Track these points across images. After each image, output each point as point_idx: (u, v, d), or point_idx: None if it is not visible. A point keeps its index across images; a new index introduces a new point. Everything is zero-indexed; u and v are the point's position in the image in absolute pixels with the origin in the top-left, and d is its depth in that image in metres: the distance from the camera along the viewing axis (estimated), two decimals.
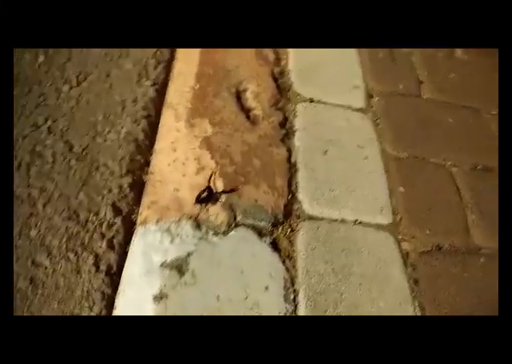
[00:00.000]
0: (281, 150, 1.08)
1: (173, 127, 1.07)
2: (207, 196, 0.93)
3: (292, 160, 1.08)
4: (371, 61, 1.45)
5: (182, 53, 1.28)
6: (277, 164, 1.04)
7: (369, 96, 1.34)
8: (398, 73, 1.44)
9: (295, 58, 1.37)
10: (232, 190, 0.96)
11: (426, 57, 1.54)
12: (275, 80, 1.27)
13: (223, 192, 0.95)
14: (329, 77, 1.34)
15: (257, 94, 1.18)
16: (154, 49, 1.43)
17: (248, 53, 1.29)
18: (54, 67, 1.33)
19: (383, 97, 1.34)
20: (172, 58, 1.40)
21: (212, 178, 0.96)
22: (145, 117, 1.22)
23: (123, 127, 1.20)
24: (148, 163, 1.10)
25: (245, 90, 1.19)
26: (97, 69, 1.34)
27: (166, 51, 1.44)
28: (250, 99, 1.17)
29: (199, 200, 0.92)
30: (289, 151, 1.09)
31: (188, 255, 0.82)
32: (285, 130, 1.14)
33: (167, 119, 1.11)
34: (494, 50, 1.66)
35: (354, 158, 1.12)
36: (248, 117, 1.13)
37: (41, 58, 1.35)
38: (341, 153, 1.13)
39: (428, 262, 0.94)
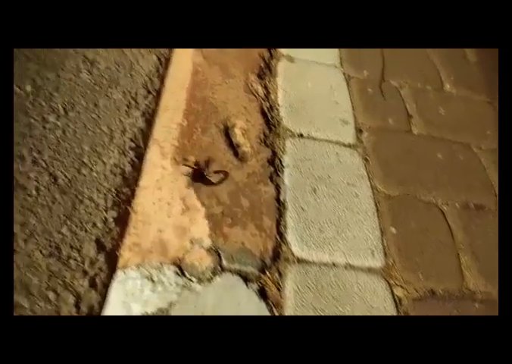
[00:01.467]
0: (269, 188, 1.05)
1: (158, 164, 1.04)
2: (199, 174, 0.96)
3: (281, 198, 1.05)
4: (360, 95, 1.45)
5: (169, 87, 1.26)
6: (266, 204, 1.01)
7: (359, 131, 1.33)
8: (387, 108, 1.44)
9: (285, 93, 1.36)
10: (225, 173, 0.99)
11: (415, 91, 1.55)
12: (264, 115, 1.26)
13: (215, 172, 0.99)
14: (319, 112, 1.33)
15: (246, 130, 1.17)
16: (146, 78, 1.42)
17: (238, 88, 1.28)
18: (42, 97, 1.30)
19: (373, 132, 1.33)
20: (162, 87, 1.39)
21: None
22: (133, 148, 1.19)
23: (110, 159, 1.17)
24: (135, 195, 1.06)
25: (233, 126, 1.17)
26: (85, 99, 1.32)
27: (156, 81, 1.43)
28: (238, 135, 1.15)
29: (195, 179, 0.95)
30: (278, 189, 1.06)
31: (170, 305, 0.77)
32: (274, 166, 1.12)
33: (153, 155, 1.08)
34: (481, 85, 1.68)
35: (345, 197, 1.10)
36: (236, 153, 1.11)
37: (28, 88, 1.33)
38: (331, 191, 1.10)
39: (421, 309, 0.91)
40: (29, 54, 1.43)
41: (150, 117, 1.30)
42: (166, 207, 0.96)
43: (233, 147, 1.12)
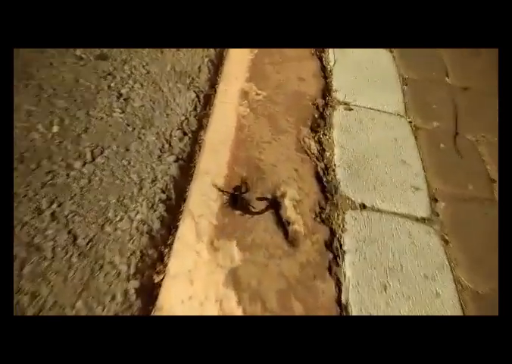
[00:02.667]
0: (328, 285, 0.83)
1: (192, 247, 0.85)
2: (239, 201, 0.89)
3: (343, 300, 0.82)
4: (432, 152, 1.22)
5: (210, 141, 1.08)
6: (324, 308, 0.79)
7: (434, 200, 1.09)
8: (464, 169, 1.19)
9: (342, 149, 1.15)
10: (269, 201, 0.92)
11: (494, 147, 1.29)
12: (319, 179, 1.04)
13: (259, 199, 0.91)
14: (384, 174, 1.11)
15: (298, 201, 0.96)
16: (182, 117, 1.28)
17: (288, 145, 1.07)
18: (69, 139, 1.17)
19: (451, 202, 1.09)
20: (200, 128, 1.23)
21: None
22: (164, 201, 1.04)
23: (137, 213, 1.02)
24: (162, 258, 0.92)
25: (283, 196, 0.96)
26: (116, 142, 1.19)
27: (193, 120, 1.27)
28: (289, 209, 0.94)
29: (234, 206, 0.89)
30: (339, 286, 0.84)
31: None
32: (333, 252, 0.90)
33: (186, 232, 0.89)
34: None
35: (423, 297, 0.86)
36: (286, 233, 0.90)
37: (55, 128, 1.20)
38: (406, 289, 0.86)
39: None
40: (59, 89, 1.31)
41: (184, 163, 1.15)
42: (197, 309, 0.76)
43: (283, 225, 0.91)
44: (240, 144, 1.02)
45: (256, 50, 1.30)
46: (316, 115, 1.21)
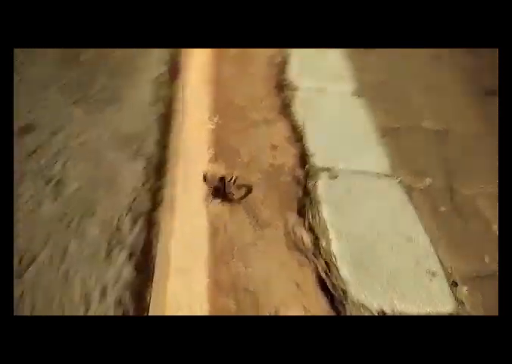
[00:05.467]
0: None
1: None
2: (221, 191, 0.88)
3: None
4: (434, 220, 1.08)
5: (176, 264, 0.82)
6: None
7: (453, 284, 0.92)
8: (474, 236, 1.05)
9: (339, 234, 0.97)
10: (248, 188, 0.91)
11: (495, 198, 1.16)
12: (323, 285, 0.83)
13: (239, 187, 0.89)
14: (393, 261, 0.95)
15: None
16: (131, 198, 1.03)
17: (278, 243, 0.85)
18: None
19: (472, 284, 0.94)
20: (154, 206, 0.99)
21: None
22: None
23: None
24: None
25: None
26: (49, 244, 0.92)
27: (145, 198, 1.03)
28: None
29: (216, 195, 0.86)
30: None
31: None
32: None
33: None
34: None
35: None
36: None
37: None
38: None
39: None
40: None
41: (141, 259, 0.90)
42: None
43: None
44: (218, 255, 0.78)
45: (216, 117, 1.08)
46: (299, 192, 1.01)
